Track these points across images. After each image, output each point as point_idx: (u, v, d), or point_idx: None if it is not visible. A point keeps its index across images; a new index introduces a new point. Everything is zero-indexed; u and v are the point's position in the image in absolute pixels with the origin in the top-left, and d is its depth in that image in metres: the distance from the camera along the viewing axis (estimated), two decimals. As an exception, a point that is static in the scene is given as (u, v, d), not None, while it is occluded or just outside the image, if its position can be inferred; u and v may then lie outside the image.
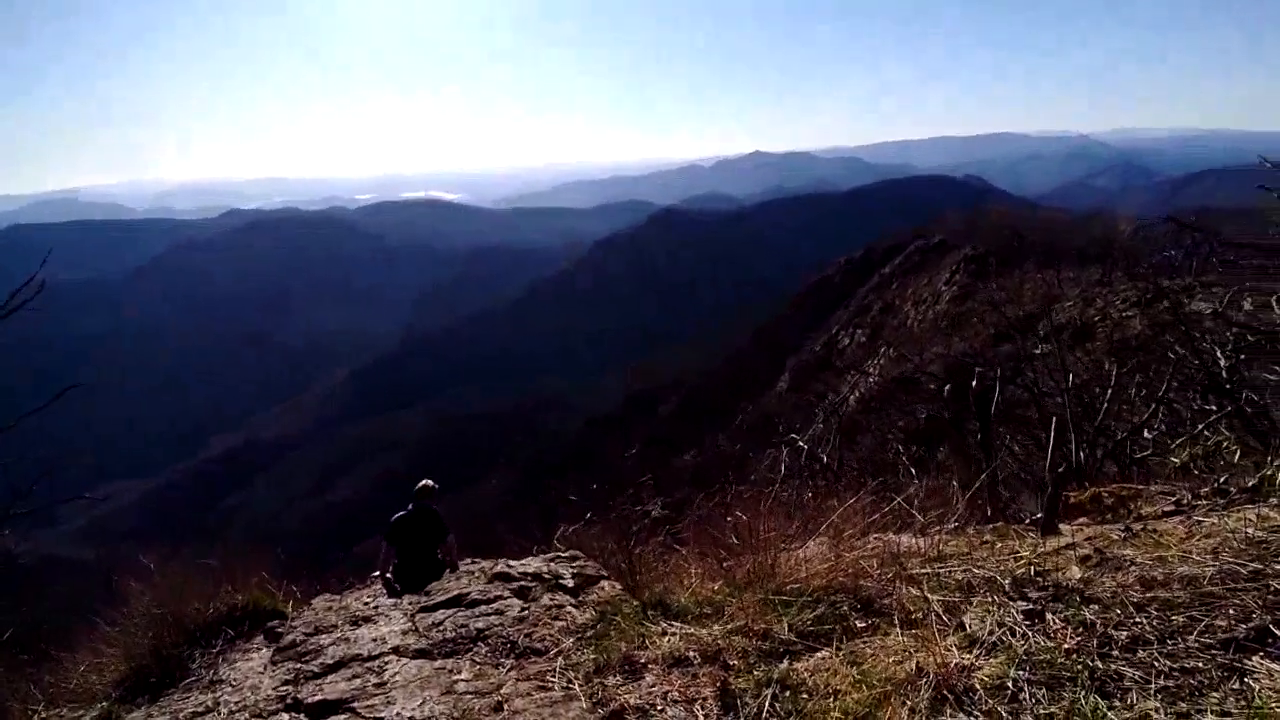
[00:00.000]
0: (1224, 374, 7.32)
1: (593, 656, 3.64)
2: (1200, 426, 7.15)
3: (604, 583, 4.77)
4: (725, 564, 4.73)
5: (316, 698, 3.57)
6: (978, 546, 4.49)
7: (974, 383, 6.92)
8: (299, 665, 4.07)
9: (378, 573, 6.24)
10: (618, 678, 3.30)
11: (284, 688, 3.83)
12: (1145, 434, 7.75)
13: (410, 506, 6.41)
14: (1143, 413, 8.91)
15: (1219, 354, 7.59)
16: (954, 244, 47.01)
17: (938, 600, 3.59)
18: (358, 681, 3.70)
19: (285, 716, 3.52)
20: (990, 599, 3.47)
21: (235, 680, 4.17)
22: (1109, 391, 8.70)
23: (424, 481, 6.66)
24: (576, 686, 3.30)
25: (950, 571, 3.99)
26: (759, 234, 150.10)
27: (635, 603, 4.19)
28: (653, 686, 3.08)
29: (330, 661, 3.97)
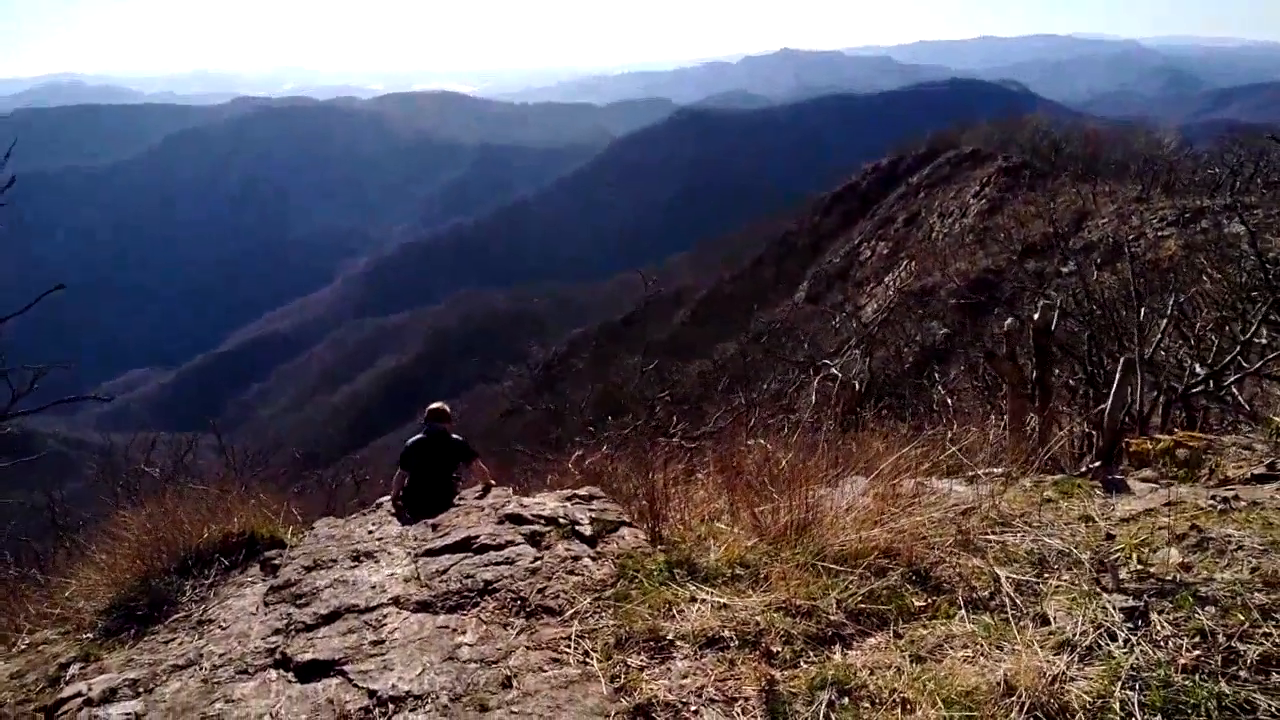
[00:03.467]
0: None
1: (613, 623, 3.25)
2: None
3: (624, 530, 4.36)
4: (757, 509, 4.30)
5: (307, 655, 3.23)
6: (1040, 504, 4.04)
7: (1034, 315, 6.31)
8: (292, 610, 3.74)
9: (389, 497, 5.92)
10: (642, 656, 2.92)
11: (274, 638, 3.50)
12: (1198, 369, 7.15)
13: (424, 431, 6.00)
14: (1197, 345, 8.29)
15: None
16: (987, 154, 44.85)
17: (1007, 577, 3.16)
18: (353, 638, 3.36)
19: (273, 674, 3.20)
20: (1072, 582, 3.03)
21: (225, 622, 3.87)
22: (1163, 322, 8.03)
23: (436, 404, 6.24)
24: (595, 663, 2.92)
25: (1019, 540, 3.55)
26: (785, 135, 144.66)
27: (660, 559, 3.78)
28: (685, 677, 2.68)
29: (324, 611, 3.62)
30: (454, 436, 6.20)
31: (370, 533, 5.08)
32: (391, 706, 2.80)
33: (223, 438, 12.62)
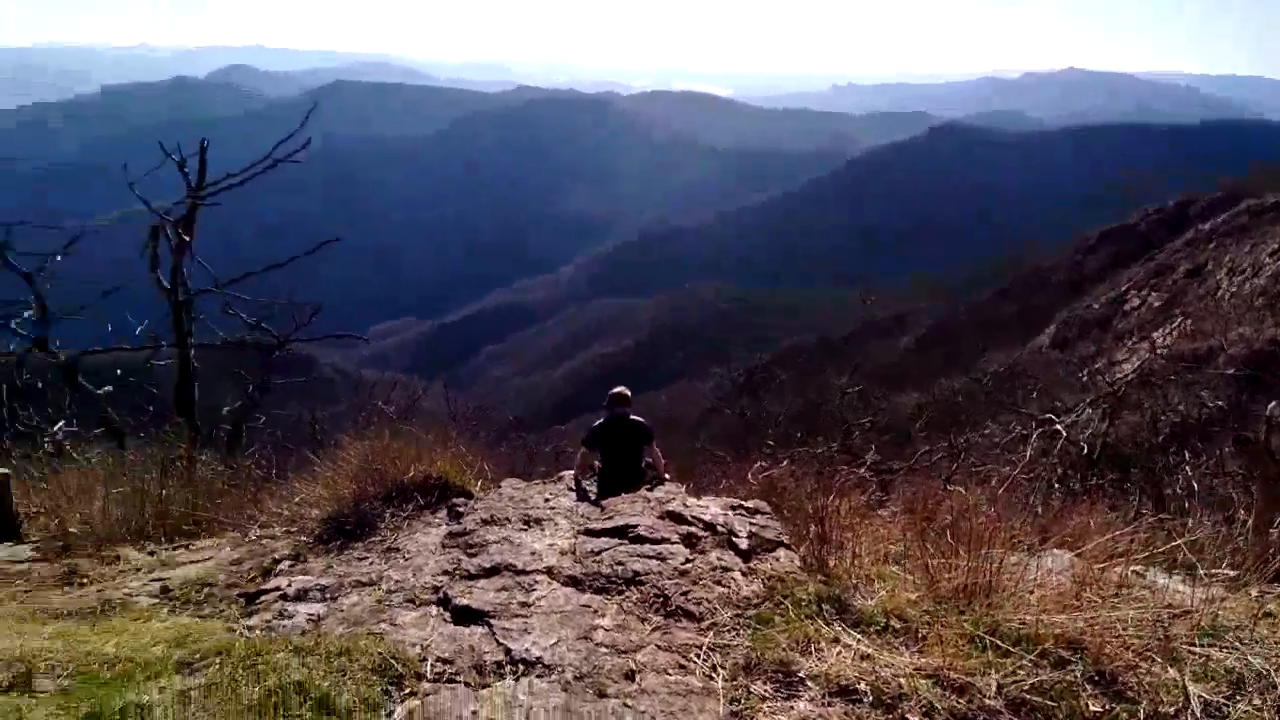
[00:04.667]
0: None
1: (747, 644, 3.15)
2: None
3: (781, 551, 4.21)
4: (931, 560, 3.93)
5: (464, 601, 3.50)
6: (1258, 617, 3.27)
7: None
8: (462, 557, 4.07)
9: (571, 472, 6.23)
10: (768, 686, 2.80)
11: (442, 578, 3.83)
12: None
13: (607, 414, 6.23)
14: None
15: None
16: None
17: (1198, 695, 2.61)
18: (505, 595, 3.58)
19: (433, 610, 3.50)
20: (1258, 708, 2.48)
21: (408, 553, 4.30)
22: None
23: (617, 388, 6.43)
24: (719, 680, 2.85)
25: (1224, 655, 2.91)
26: (1055, 162, 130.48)
27: (812, 590, 3.59)
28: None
29: (487, 565, 3.90)
30: (634, 418, 6.36)
31: (545, 501, 5.38)
32: (521, 668, 2.94)
33: (450, 390, 14.10)
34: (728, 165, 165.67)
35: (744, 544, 4.23)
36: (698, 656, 3.12)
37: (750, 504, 5.06)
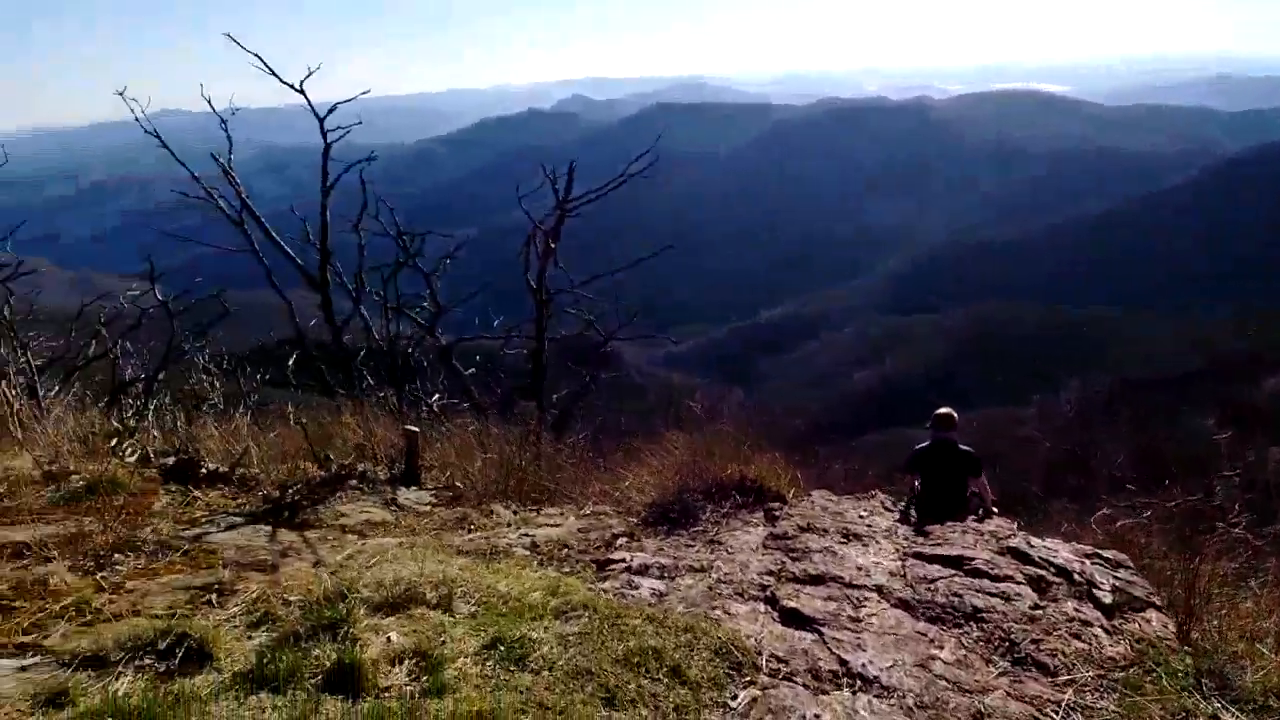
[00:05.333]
0: None
1: (1115, 710, 2.77)
2: None
3: (1153, 614, 3.61)
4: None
5: (792, 604, 3.54)
6: None
7: None
8: (785, 560, 4.12)
9: (897, 499, 6.00)
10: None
11: (767, 577, 3.92)
12: None
13: (931, 438, 5.88)
14: None
15: None
16: None
17: None
18: (833, 605, 3.54)
19: (761, 607, 3.59)
20: None
21: (731, 548, 4.47)
22: None
23: (942, 409, 6.01)
24: (1091, 749, 2.52)
25: None
26: None
27: (1188, 661, 3.07)
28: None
29: (813, 572, 3.90)
30: (962, 447, 5.91)
31: (861, 517, 5.23)
32: (859, 683, 2.88)
33: (750, 395, 14.40)
34: (1058, 171, 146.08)
35: (1107, 599, 3.71)
36: (1054, 712, 2.80)
37: (1109, 554, 4.43)
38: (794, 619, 3.43)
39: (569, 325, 12.52)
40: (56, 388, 8.59)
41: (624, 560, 4.10)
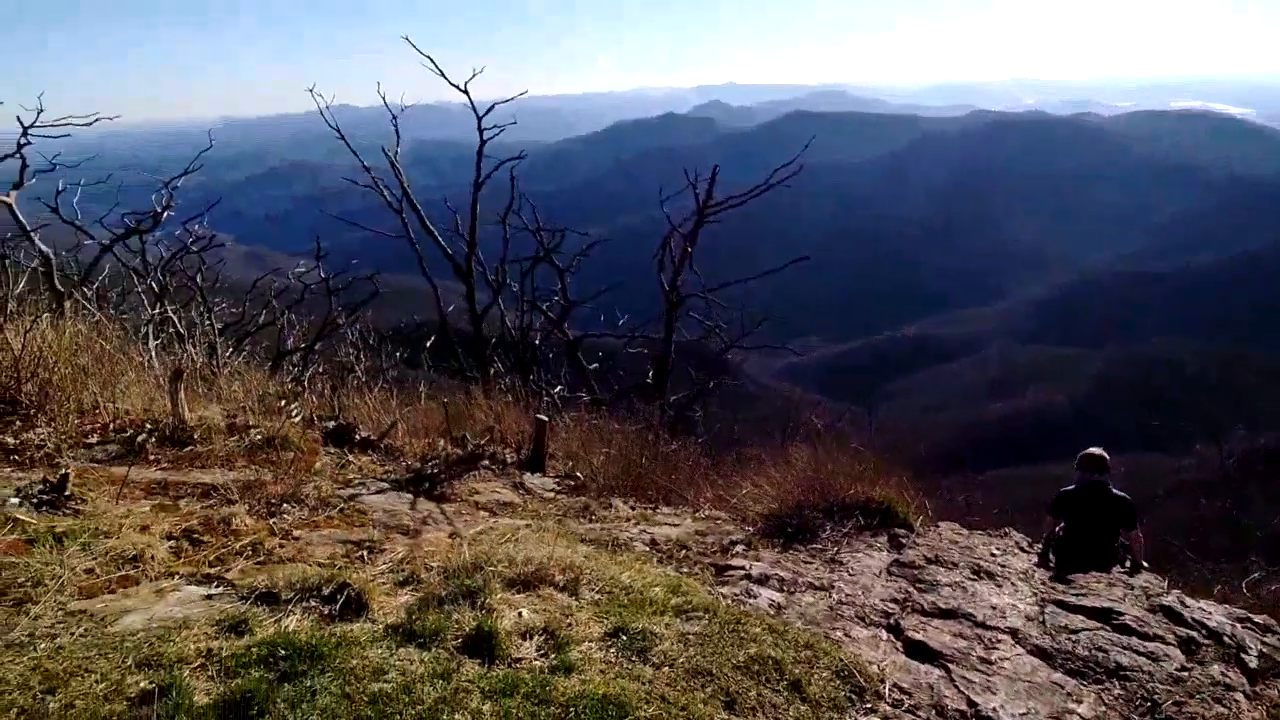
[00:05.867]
0: None
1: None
2: None
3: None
4: None
5: (918, 636, 3.42)
6: None
7: None
8: (910, 590, 3.98)
9: (1035, 541, 5.66)
10: None
11: (891, 604, 3.80)
12: None
13: (1077, 481, 5.48)
14: None
15: None
16: None
17: None
18: (963, 643, 3.39)
19: (884, 634, 3.49)
20: None
21: (852, 570, 4.36)
22: None
23: (1090, 449, 5.55)
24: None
25: None
26: None
27: None
28: None
29: (941, 605, 3.75)
30: (1116, 492, 5.45)
31: (994, 555, 4.97)
32: (988, 727, 2.75)
33: (873, 414, 13.96)
34: (1233, 203, 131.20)
35: (1252, 663, 3.38)
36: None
37: (1260, 619, 4.03)
38: (919, 652, 3.30)
39: (693, 330, 12.59)
40: (230, 349, 9.56)
41: (743, 568, 4.09)
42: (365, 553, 3.50)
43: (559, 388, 12.15)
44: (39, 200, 9.31)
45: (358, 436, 5.60)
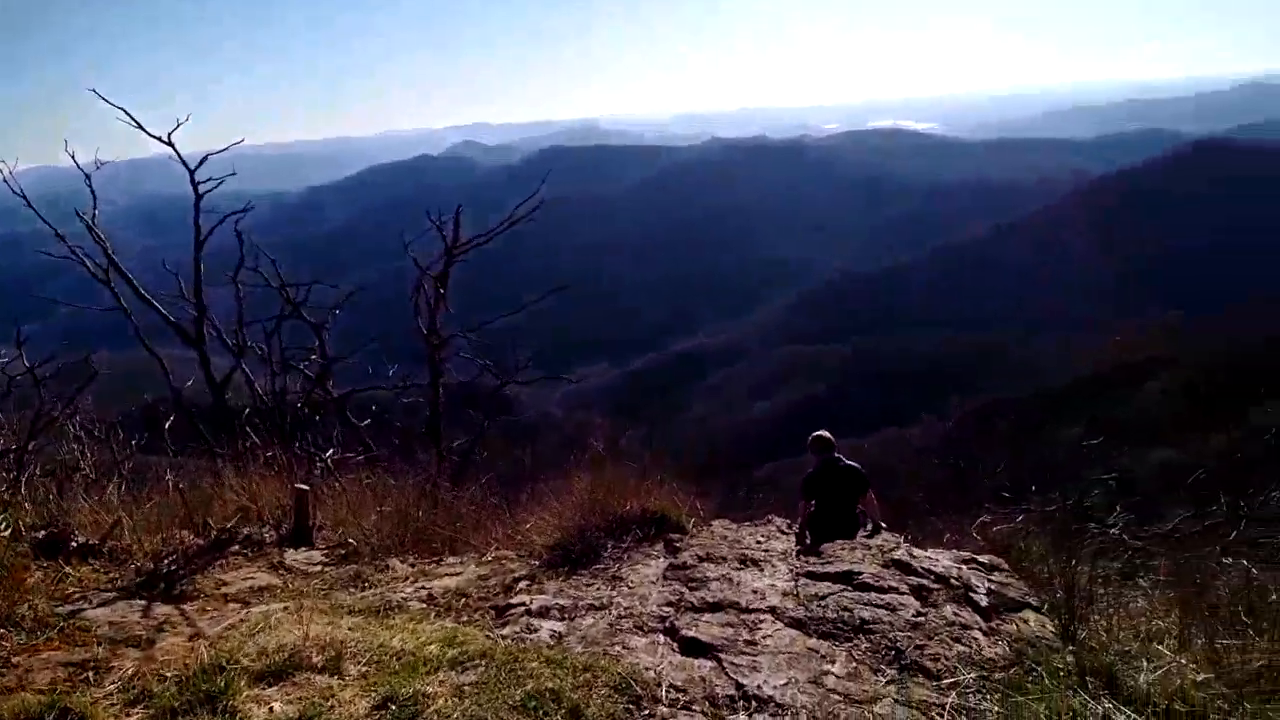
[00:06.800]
0: None
1: (998, 710, 2.94)
2: None
3: (1029, 614, 3.89)
4: (1220, 641, 3.46)
5: (690, 633, 3.60)
6: None
7: None
8: (684, 591, 4.19)
9: (782, 520, 6.21)
10: (1025, 758, 2.59)
11: (666, 608, 3.96)
12: None
13: (817, 462, 6.15)
14: None
15: None
16: None
17: None
18: (730, 631, 3.63)
19: (661, 638, 3.63)
20: None
21: (632, 582, 4.49)
22: None
23: (817, 433, 6.31)
24: (969, 746, 2.68)
25: None
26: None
27: (1070, 659, 3.29)
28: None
29: (710, 599, 3.98)
30: (847, 463, 6.20)
31: (759, 543, 5.39)
32: (754, 704, 2.96)
33: (650, 432, 14.59)
34: (928, 205, 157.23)
35: (983, 601, 3.97)
36: (938, 715, 2.96)
37: (985, 559, 4.75)
38: (693, 648, 3.48)
39: (466, 371, 12.33)
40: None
41: (523, 604, 4.06)
42: (90, 674, 3.02)
43: (330, 450, 11.27)
44: None
45: (74, 544, 4.76)
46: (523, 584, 4.65)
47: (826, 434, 6.27)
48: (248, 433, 10.62)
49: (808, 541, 5.73)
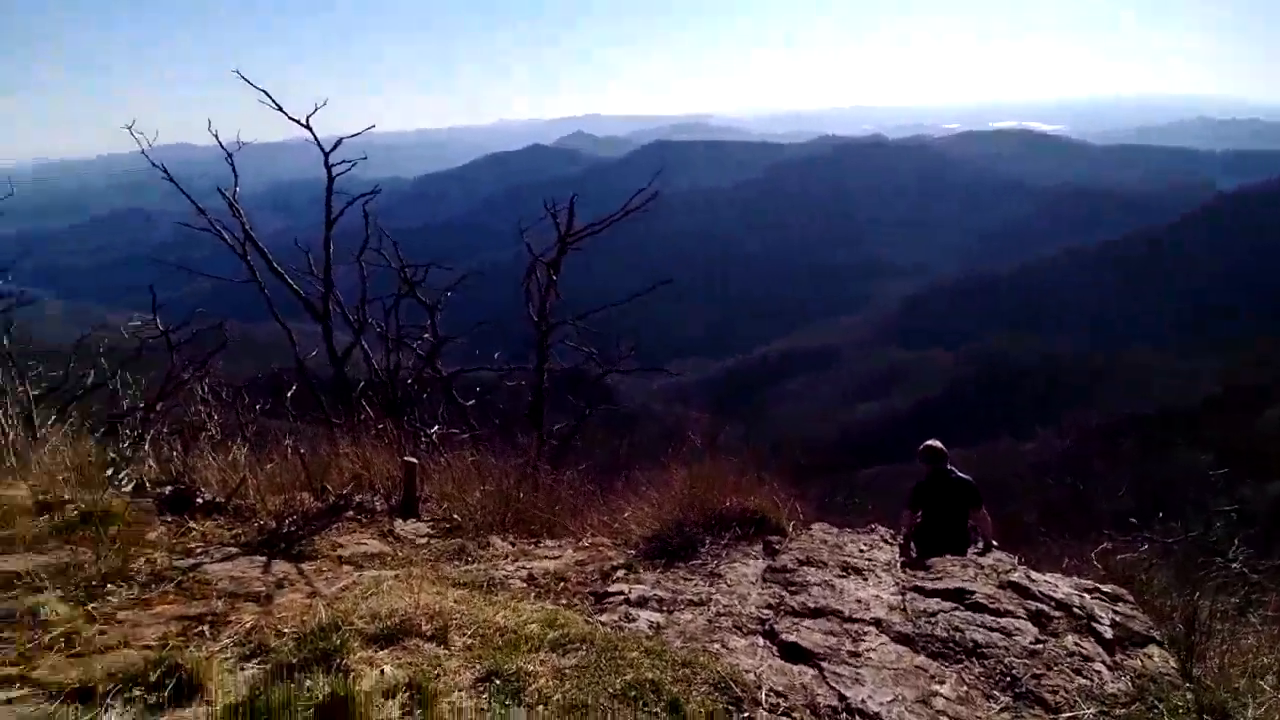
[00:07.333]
0: None
1: (1124, 750, 2.72)
2: None
3: (1153, 649, 3.58)
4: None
5: (791, 638, 3.49)
6: None
7: None
8: (783, 594, 4.08)
9: (896, 533, 5.97)
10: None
11: (765, 610, 3.87)
12: None
13: (926, 470, 5.86)
14: None
15: None
16: None
17: None
18: (833, 640, 3.50)
19: (760, 641, 3.54)
20: None
21: (730, 581, 4.42)
22: None
23: (927, 443, 6.00)
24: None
25: None
26: None
27: (1189, 697, 3.03)
28: None
29: (811, 605, 3.86)
30: (958, 475, 5.89)
31: (861, 551, 5.19)
32: (858, 718, 2.83)
33: (749, 429, 14.39)
34: (1051, 209, 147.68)
35: (1107, 633, 3.67)
36: (1060, 751, 2.75)
37: (1109, 589, 4.39)
38: (793, 653, 3.38)
39: (569, 358, 12.53)
40: (53, 418, 8.56)
41: (622, 593, 4.06)
42: (206, 628, 3.18)
43: (435, 427, 11.72)
44: None
45: (200, 500, 5.13)
46: (620, 572, 4.65)
47: (938, 443, 5.96)
48: (362, 405, 11.22)
49: (913, 554, 5.48)
